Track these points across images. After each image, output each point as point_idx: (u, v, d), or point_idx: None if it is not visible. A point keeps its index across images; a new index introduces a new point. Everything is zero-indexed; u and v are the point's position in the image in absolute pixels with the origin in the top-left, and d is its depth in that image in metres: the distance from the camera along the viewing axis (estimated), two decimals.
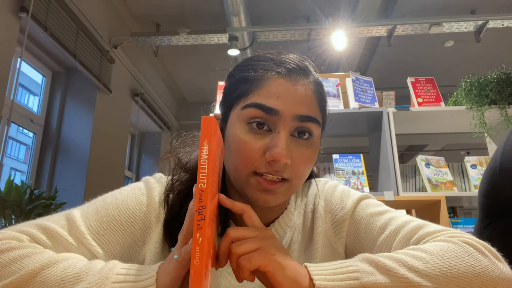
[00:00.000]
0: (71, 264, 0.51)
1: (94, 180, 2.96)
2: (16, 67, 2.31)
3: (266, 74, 0.60)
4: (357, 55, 4.20)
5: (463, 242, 0.52)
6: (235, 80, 0.63)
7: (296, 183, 0.60)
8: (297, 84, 0.60)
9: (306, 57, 0.67)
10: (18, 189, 1.95)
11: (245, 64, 0.64)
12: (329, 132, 0.74)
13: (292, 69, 0.61)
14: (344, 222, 0.67)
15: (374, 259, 0.50)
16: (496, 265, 0.49)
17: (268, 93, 0.58)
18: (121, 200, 0.63)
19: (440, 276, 0.47)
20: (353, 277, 0.48)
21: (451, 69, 4.58)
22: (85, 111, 3.01)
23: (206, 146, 0.46)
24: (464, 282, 0.47)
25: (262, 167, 0.56)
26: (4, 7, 2.18)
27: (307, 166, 0.60)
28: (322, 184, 0.74)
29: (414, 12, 3.56)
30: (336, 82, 2.07)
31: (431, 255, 0.49)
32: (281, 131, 0.57)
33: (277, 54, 0.64)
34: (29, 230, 0.55)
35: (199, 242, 0.42)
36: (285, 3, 3.54)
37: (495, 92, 1.91)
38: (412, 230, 0.58)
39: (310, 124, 0.59)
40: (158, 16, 3.72)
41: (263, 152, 0.56)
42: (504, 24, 3.31)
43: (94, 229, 0.59)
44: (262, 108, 0.57)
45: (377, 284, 0.47)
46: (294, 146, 0.58)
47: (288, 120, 0.57)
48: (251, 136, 0.57)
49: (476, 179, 1.88)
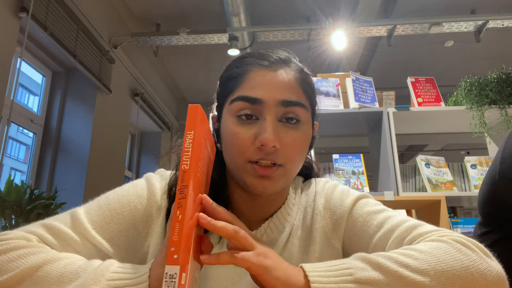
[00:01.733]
0: (71, 262, 0.54)
1: (94, 180, 2.95)
2: (16, 67, 2.31)
3: (248, 68, 0.64)
4: (357, 55, 4.20)
5: (452, 240, 0.54)
6: (223, 80, 0.67)
7: (290, 167, 0.62)
8: (277, 72, 0.63)
9: (290, 51, 0.70)
10: (18, 189, 1.95)
11: (231, 64, 0.68)
12: (329, 132, 0.75)
13: (274, 61, 0.64)
14: (342, 219, 0.69)
15: (367, 257, 0.52)
16: (484, 259, 0.51)
17: (251, 85, 0.62)
18: (122, 196, 0.66)
19: (430, 270, 0.49)
20: (347, 273, 0.50)
21: (451, 69, 4.58)
22: (85, 111, 3.01)
23: (192, 132, 0.49)
24: (453, 276, 0.49)
25: (254, 155, 0.59)
26: (4, 7, 2.18)
27: (298, 150, 0.63)
28: (323, 183, 0.76)
29: (414, 12, 3.56)
30: (336, 82, 2.07)
31: (421, 253, 0.52)
32: (267, 117, 0.60)
33: (261, 51, 0.68)
34: (37, 231, 0.59)
35: (179, 219, 0.44)
36: (285, 3, 3.54)
37: (495, 92, 1.91)
38: (406, 230, 0.60)
39: (295, 108, 0.62)
40: (158, 16, 3.72)
41: (254, 140, 0.59)
42: (504, 24, 3.31)
43: (98, 224, 0.62)
44: (247, 99, 0.60)
45: (370, 278, 0.49)
46: (282, 131, 0.60)
47: (272, 107, 0.60)
48: (241, 127, 0.60)
49: (476, 179, 1.88)
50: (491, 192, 0.90)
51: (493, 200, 0.90)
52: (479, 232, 0.94)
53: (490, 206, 0.91)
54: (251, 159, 0.59)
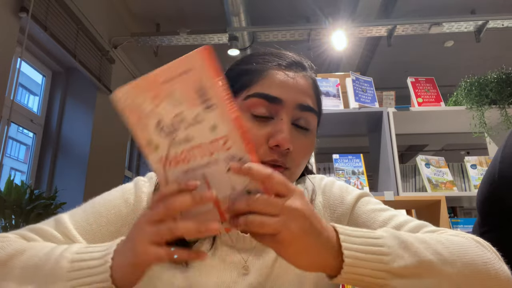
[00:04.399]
0: (34, 254, 0.51)
1: (94, 180, 2.95)
2: (16, 67, 2.30)
3: (268, 65, 0.62)
4: (357, 55, 4.20)
5: (469, 237, 0.54)
6: (235, 74, 0.65)
7: (294, 171, 0.61)
8: (297, 76, 0.62)
9: (303, 56, 0.70)
10: (18, 189, 1.94)
11: (246, 59, 0.67)
12: (329, 132, 0.75)
13: (291, 62, 0.64)
14: (343, 217, 0.68)
15: (403, 240, 0.48)
16: (498, 259, 0.52)
17: (271, 83, 0.60)
18: (109, 200, 0.66)
19: (458, 262, 0.48)
20: (384, 260, 0.45)
21: (451, 69, 4.57)
22: (85, 111, 3.01)
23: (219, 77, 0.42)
24: (475, 270, 0.49)
25: (267, 155, 0.57)
26: (4, 7, 2.18)
27: (305, 156, 0.62)
28: (319, 180, 0.74)
29: (414, 12, 3.56)
30: (336, 82, 2.06)
31: (450, 243, 0.50)
32: (284, 118, 0.58)
33: (275, 50, 0.67)
34: (21, 231, 0.59)
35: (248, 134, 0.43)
36: (285, 3, 3.54)
37: (495, 92, 1.91)
38: (413, 229, 0.59)
39: (310, 114, 0.61)
40: (158, 16, 3.72)
41: (266, 140, 0.57)
42: (504, 24, 3.31)
43: (80, 224, 0.62)
44: (266, 97, 0.59)
45: (402, 269, 0.45)
46: (294, 135, 0.60)
47: (290, 109, 0.59)
48: (254, 124, 0.58)
49: (476, 179, 1.88)
50: (490, 192, 0.89)
51: (492, 200, 0.90)
52: (477, 231, 0.94)
53: (489, 206, 0.91)
54: (263, 159, 0.57)
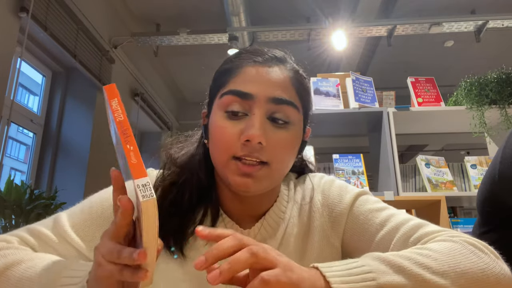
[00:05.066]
0: (33, 265, 0.52)
1: (94, 180, 2.95)
2: (16, 67, 2.30)
3: (242, 63, 0.62)
4: (357, 55, 4.20)
5: (464, 241, 0.52)
6: (216, 76, 0.66)
7: (276, 167, 0.59)
8: (272, 70, 0.61)
9: (287, 52, 0.68)
10: (18, 189, 1.94)
11: (225, 60, 0.67)
12: (329, 132, 0.75)
13: (269, 58, 0.63)
14: (341, 217, 0.67)
15: (386, 258, 0.48)
16: (497, 263, 0.51)
17: (243, 79, 0.60)
18: (105, 198, 0.65)
19: (450, 272, 0.47)
20: (370, 277, 0.46)
21: (451, 69, 4.57)
22: (85, 111, 3.01)
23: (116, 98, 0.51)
24: (472, 278, 0.48)
25: (239, 151, 0.57)
26: (4, 7, 2.18)
27: (286, 150, 0.60)
28: (318, 178, 0.73)
29: (414, 12, 3.56)
30: (336, 82, 2.06)
31: (438, 253, 0.50)
32: (256, 113, 0.58)
33: (257, 47, 0.66)
34: (19, 233, 0.60)
35: (131, 150, 0.44)
36: (285, 3, 3.54)
37: (495, 92, 1.91)
38: (412, 229, 0.58)
39: (286, 107, 0.60)
40: (158, 16, 3.72)
41: (240, 136, 0.57)
42: (504, 24, 3.31)
43: (78, 226, 0.62)
44: (238, 93, 0.59)
45: (393, 283, 0.45)
46: (270, 129, 0.58)
47: (262, 103, 0.58)
48: (229, 122, 0.59)
49: (476, 179, 1.88)
50: (490, 192, 0.89)
51: (492, 200, 0.90)
52: (477, 231, 0.94)
53: (489, 206, 0.90)
54: (236, 154, 0.57)
